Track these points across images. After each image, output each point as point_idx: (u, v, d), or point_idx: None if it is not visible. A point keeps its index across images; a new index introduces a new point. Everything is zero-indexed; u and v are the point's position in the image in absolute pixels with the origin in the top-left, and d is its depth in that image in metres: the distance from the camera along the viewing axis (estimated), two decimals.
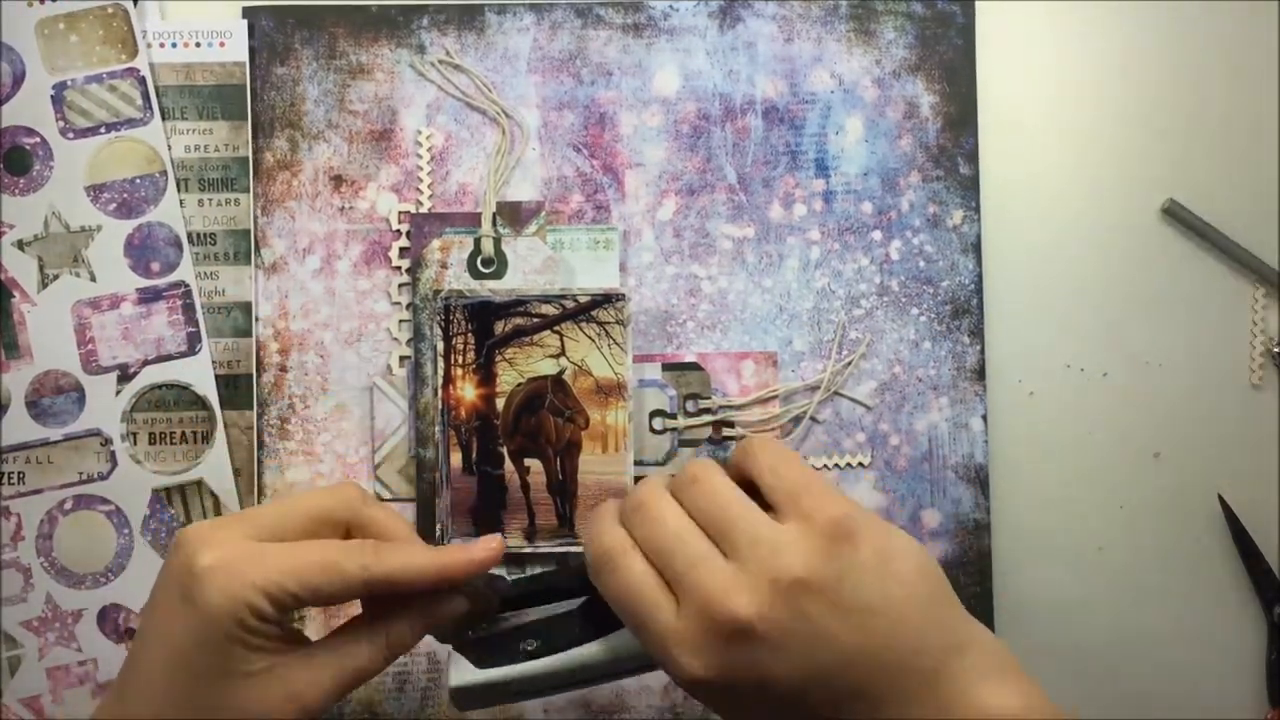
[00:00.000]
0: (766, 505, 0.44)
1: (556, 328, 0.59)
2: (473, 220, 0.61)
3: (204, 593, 0.43)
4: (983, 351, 0.62)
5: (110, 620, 0.59)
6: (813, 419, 0.62)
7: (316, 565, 0.45)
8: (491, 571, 0.48)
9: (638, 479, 0.59)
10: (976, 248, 0.62)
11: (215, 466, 0.60)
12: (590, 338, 0.59)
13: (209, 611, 0.43)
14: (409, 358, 0.61)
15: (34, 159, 0.60)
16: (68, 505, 0.59)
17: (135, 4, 0.60)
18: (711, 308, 0.62)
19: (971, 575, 0.62)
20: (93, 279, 0.60)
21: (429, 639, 0.49)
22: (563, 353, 0.59)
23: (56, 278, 0.60)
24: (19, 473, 0.59)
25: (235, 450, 0.60)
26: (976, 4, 0.63)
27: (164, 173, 0.60)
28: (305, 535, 0.46)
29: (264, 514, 0.46)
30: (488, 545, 0.48)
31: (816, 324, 0.62)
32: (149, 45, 0.60)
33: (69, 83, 0.60)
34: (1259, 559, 0.62)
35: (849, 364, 0.62)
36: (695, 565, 0.43)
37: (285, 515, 0.46)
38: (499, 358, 0.59)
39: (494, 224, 0.61)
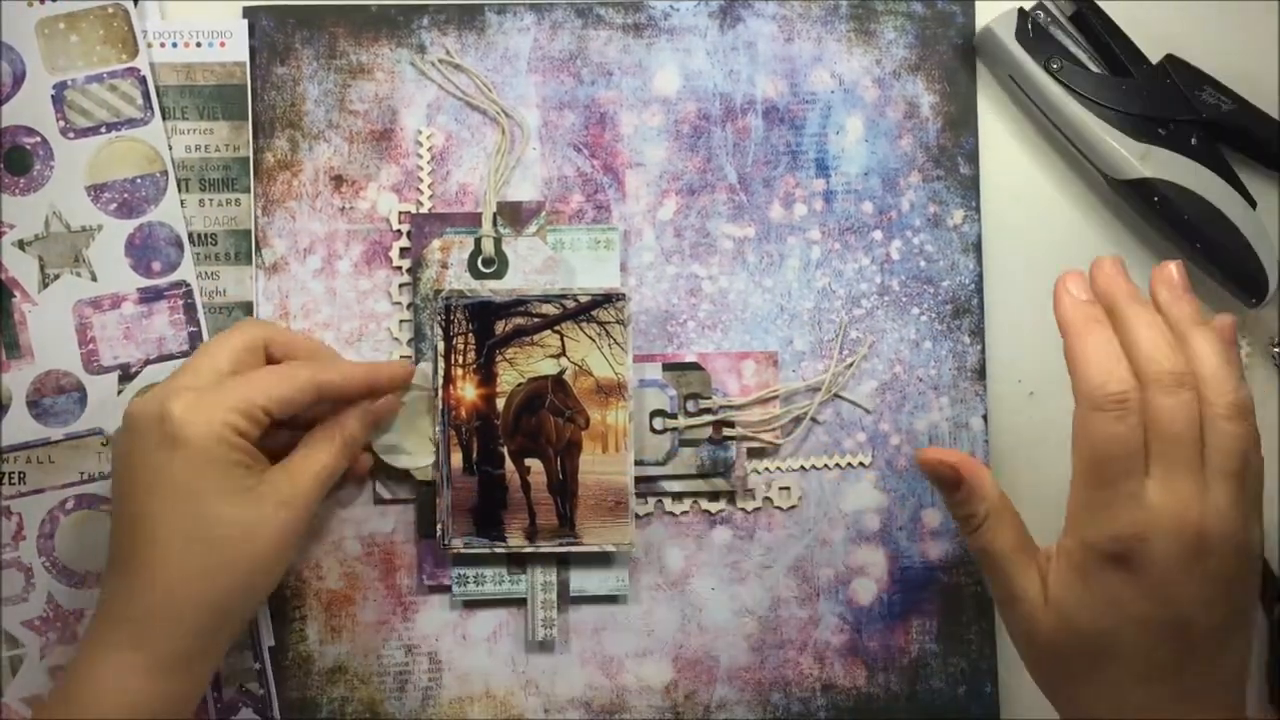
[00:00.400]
0: None
1: (557, 328, 0.59)
2: (473, 220, 0.61)
3: (188, 431, 0.50)
4: (983, 351, 0.62)
5: None
6: (813, 419, 0.62)
7: (273, 380, 0.52)
8: None
9: (638, 479, 0.59)
10: (977, 247, 0.62)
11: None
12: (591, 337, 0.59)
13: (199, 443, 0.50)
14: (410, 358, 0.61)
15: (34, 159, 0.60)
16: (69, 505, 0.59)
17: (135, 4, 0.60)
18: (712, 307, 0.62)
19: (972, 575, 0.62)
20: (93, 279, 0.60)
21: None
22: (563, 353, 0.59)
23: (57, 277, 0.60)
24: (20, 472, 0.59)
25: None
26: (976, 4, 0.63)
27: (164, 172, 0.60)
28: (239, 370, 0.53)
29: (197, 370, 0.53)
30: (405, 365, 0.59)
31: (817, 324, 0.62)
32: (149, 45, 0.60)
33: (69, 82, 0.60)
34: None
35: (850, 365, 0.62)
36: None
37: (215, 362, 0.53)
38: (499, 358, 0.59)
39: (494, 224, 0.61)
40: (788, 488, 0.61)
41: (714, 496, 0.61)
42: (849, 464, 0.62)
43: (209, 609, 0.51)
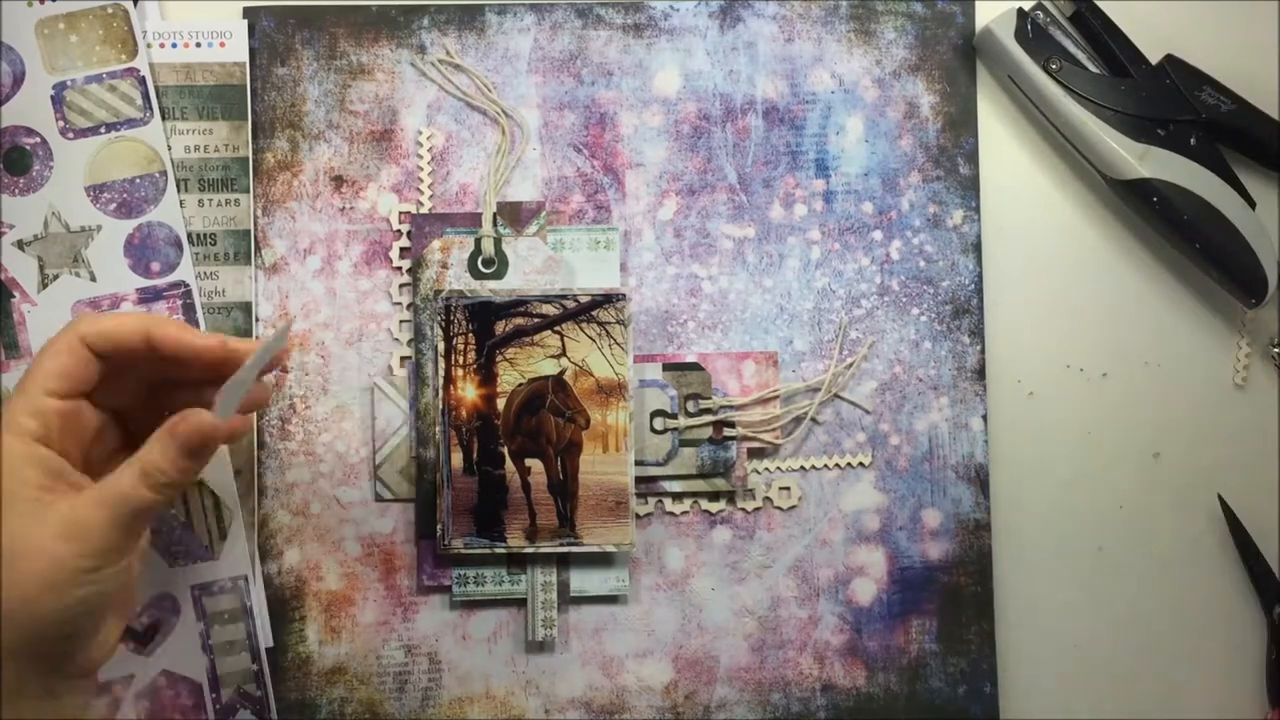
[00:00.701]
0: None
1: (557, 328, 0.59)
2: (473, 220, 0.61)
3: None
4: (983, 351, 0.62)
5: None
6: (813, 419, 0.62)
7: (54, 365, 0.48)
8: None
9: (638, 479, 0.59)
10: (976, 248, 0.62)
11: (215, 466, 0.59)
12: (591, 338, 0.59)
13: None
14: (410, 358, 0.61)
15: (34, 159, 0.60)
16: None
17: (135, 4, 0.60)
18: (712, 308, 0.62)
19: (971, 575, 0.62)
20: (93, 279, 0.60)
21: None
22: (563, 353, 0.59)
23: (57, 278, 0.60)
24: None
25: (235, 450, 0.60)
26: (976, 4, 0.63)
27: (164, 173, 0.60)
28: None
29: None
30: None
31: (817, 324, 0.62)
32: (149, 45, 0.60)
33: (69, 83, 0.60)
34: (1259, 559, 0.62)
35: (850, 365, 0.62)
36: None
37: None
38: (500, 358, 0.59)
39: (494, 224, 0.61)
40: (788, 488, 0.61)
41: (714, 496, 0.61)
42: (849, 464, 0.62)
43: None
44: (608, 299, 0.59)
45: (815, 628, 0.61)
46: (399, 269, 0.61)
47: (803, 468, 0.62)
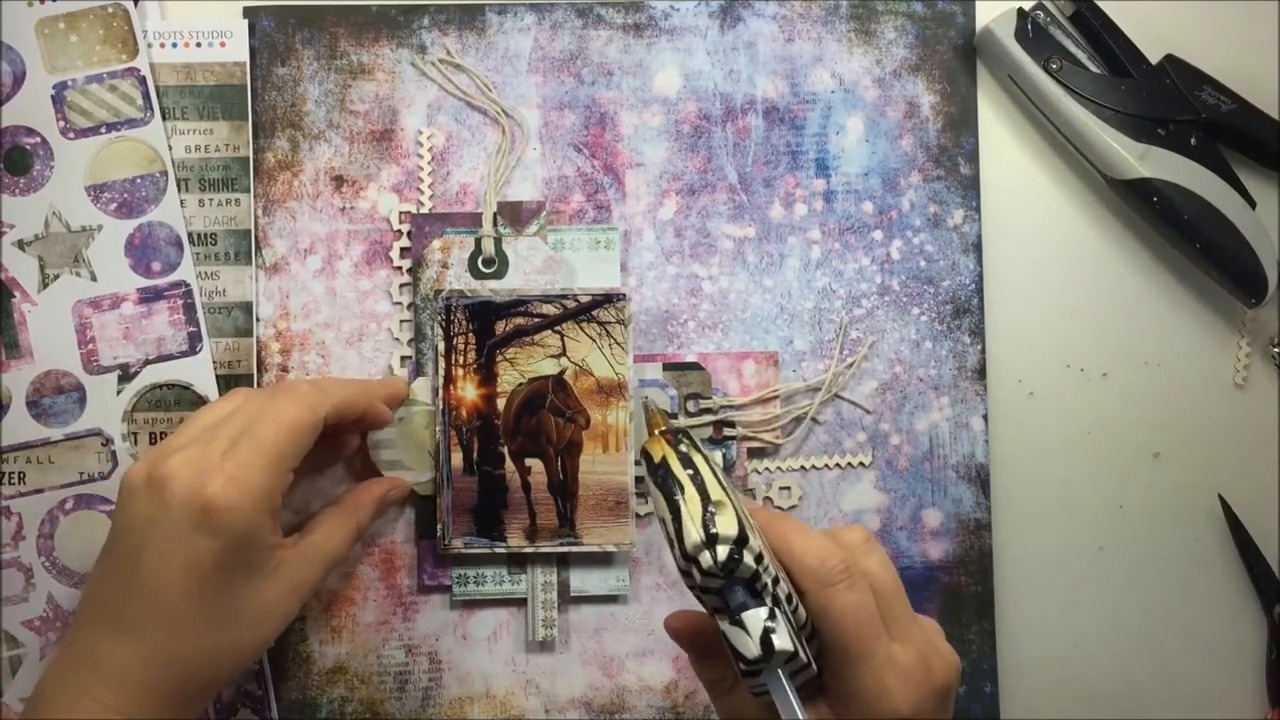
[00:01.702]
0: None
1: (557, 328, 0.59)
2: (473, 220, 0.61)
3: (230, 520, 0.48)
4: (983, 351, 0.62)
5: None
6: (813, 419, 0.62)
7: (297, 444, 0.51)
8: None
9: (638, 478, 0.59)
10: (977, 247, 0.62)
11: None
12: (591, 337, 0.59)
13: (239, 534, 0.48)
14: (410, 358, 0.61)
15: (34, 159, 0.60)
16: (69, 505, 0.59)
17: (135, 4, 0.60)
18: (712, 307, 0.62)
19: (972, 575, 0.62)
20: (93, 279, 0.60)
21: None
22: (564, 352, 0.59)
23: (57, 278, 0.60)
24: (20, 473, 0.59)
25: None
26: (976, 4, 0.63)
27: (164, 172, 0.60)
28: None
29: (225, 433, 0.50)
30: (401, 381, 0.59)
31: (817, 324, 0.62)
32: (149, 45, 0.60)
33: (69, 83, 0.60)
34: (1259, 559, 0.62)
35: (850, 365, 0.62)
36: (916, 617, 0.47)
37: (261, 445, 0.50)
38: (500, 358, 0.59)
39: (495, 224, 0.61)
40: (788, 487, 0.61)
41: None
42: (849, 464, 0.62)
43: (206, 684, 0.50)
44: (608, 299, 0.59)
45: None
46: (399, 269, 0.61)
47: (803, 467, 0.62)
